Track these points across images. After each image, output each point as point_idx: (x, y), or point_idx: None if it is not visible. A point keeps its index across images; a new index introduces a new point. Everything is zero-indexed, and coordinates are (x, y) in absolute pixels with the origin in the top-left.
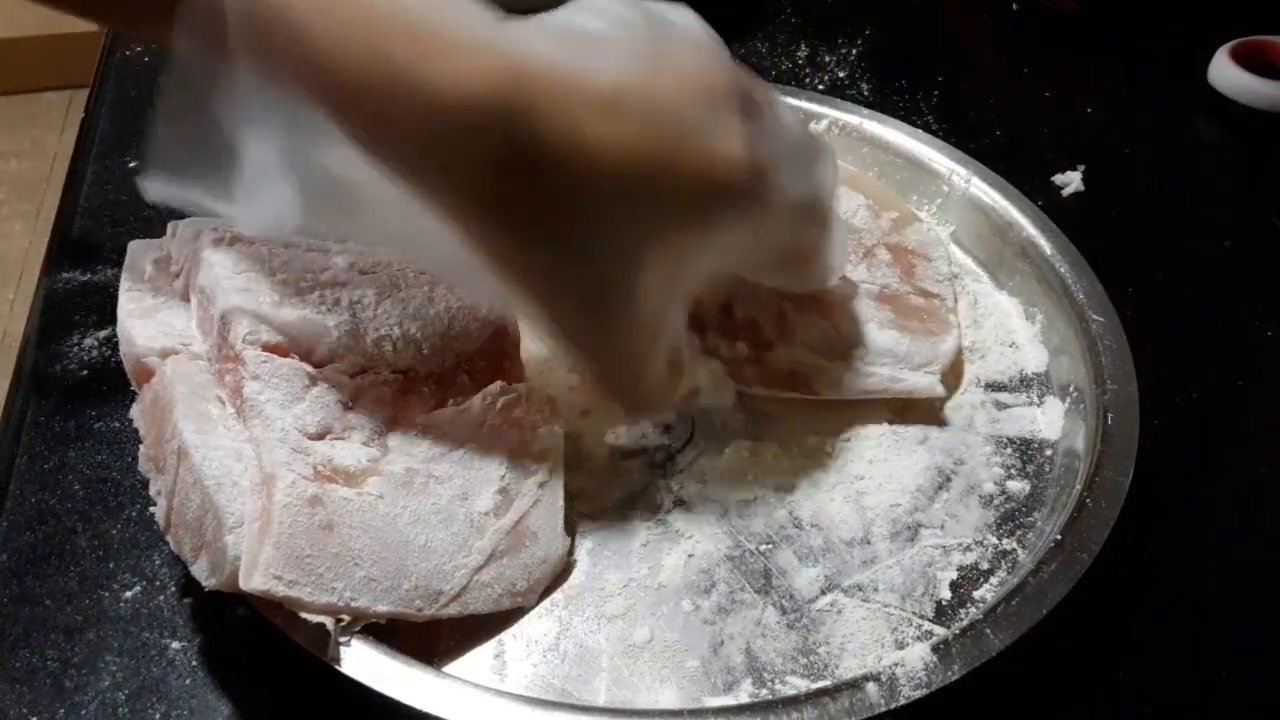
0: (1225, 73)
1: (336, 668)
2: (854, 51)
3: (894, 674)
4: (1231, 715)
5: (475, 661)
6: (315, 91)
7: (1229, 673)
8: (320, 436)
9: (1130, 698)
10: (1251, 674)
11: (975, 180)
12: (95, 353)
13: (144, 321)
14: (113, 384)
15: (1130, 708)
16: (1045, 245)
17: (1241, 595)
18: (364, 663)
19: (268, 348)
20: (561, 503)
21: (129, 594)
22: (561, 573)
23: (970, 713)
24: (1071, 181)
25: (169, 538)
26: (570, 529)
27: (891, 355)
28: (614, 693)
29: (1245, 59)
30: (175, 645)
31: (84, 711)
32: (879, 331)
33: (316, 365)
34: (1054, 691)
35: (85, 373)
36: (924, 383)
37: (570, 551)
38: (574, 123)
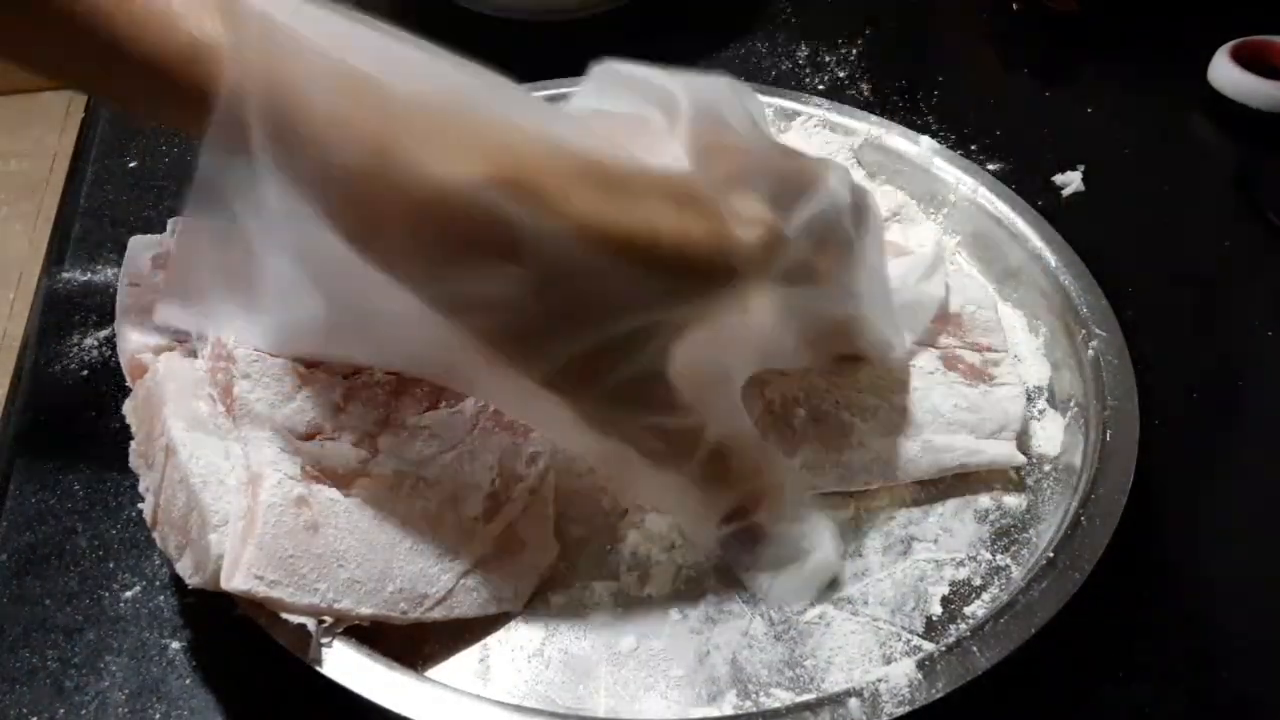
0: (1225, 73)
1: (317, 669)
2: (854, 51)
3: (877, 690)
4: None
5: (459, 666)
6: (318, 191)
7: (1221, 699)
8: (310, 437)
9: None
10: (1245, 702)
11: (982, 190)
12: (95, 353)
13: (139, 317)
14: (113, 384)
15: None
16: (1051, 258)
17: (1238, 621)
18: (346, 665)
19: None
20: (551, 509)
21: (129, 594)
22: (549, 579)
23: None
24: (1071, 182)
25: (155, 534)
26: (560, 535)
27: (963, 425)
28: (598, 700)
29: (1245, 59)
30: (175, 645)
31: (84, 711)
32: (945, 399)
33: (309, 365)
34: (1041, 711)
35: (85, 373)
36: (1003, 451)
37: (559, 558)
38: (563, 204)
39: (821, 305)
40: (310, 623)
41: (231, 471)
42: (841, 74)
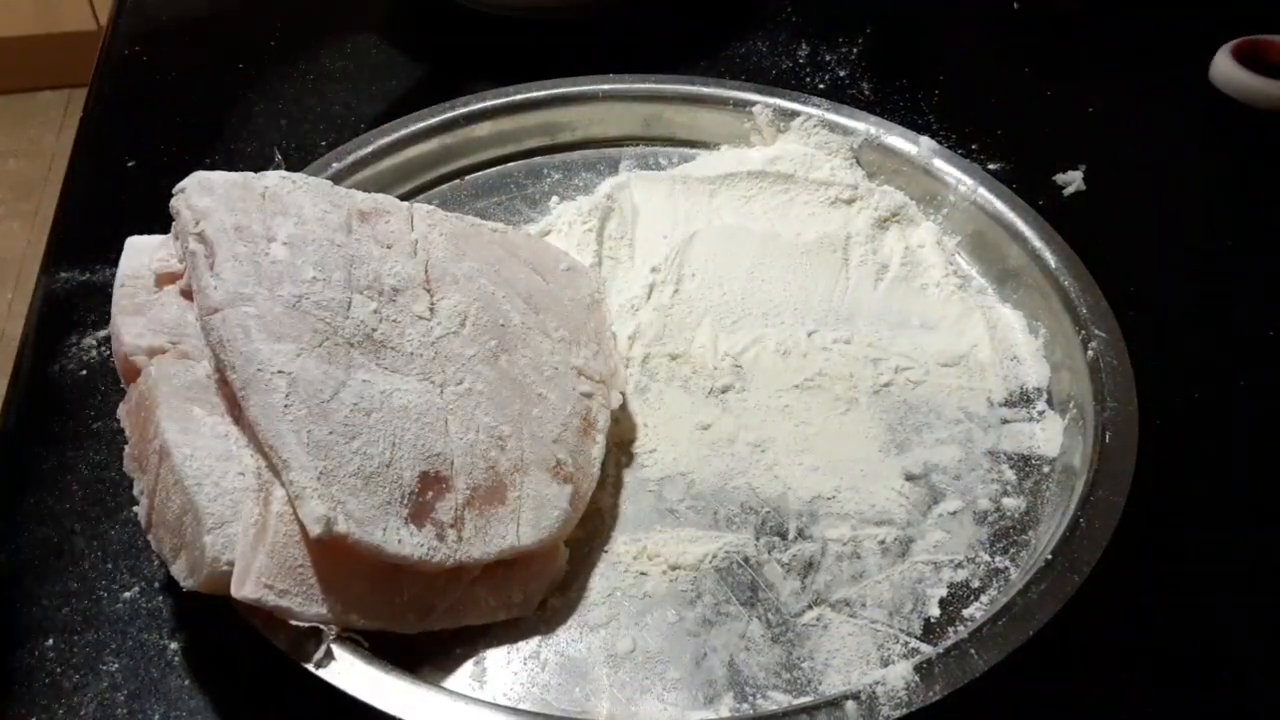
0: (1225, 72)
1: (312, 671)
2: (854, 51)
3: (874, 692)
4: None
5: (455, 669)
6: None
7: (1220, 699)
8: None
9: None
10: (1244, 703)
11: (981, 191)
12: (94, 353)
13: (134, 318)
14: (112, 384)
15: None
16: (1050, 258)
17: (1238, 621)
18: (343, 668)
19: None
20: None
21: (128, 594)
22: None
23: None
24: (1073, 181)
25: (150, 537)
26: None
27: None
28: (595, 703)
29: (1245, 58)
30: (174, 645)
31: (83, 711)
32: None
33: None
34: (1038, 714)
35: (84, 373)
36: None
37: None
38: None
39: None
40: (323, 627)
41: (226, 474)
42: (842, 73)
